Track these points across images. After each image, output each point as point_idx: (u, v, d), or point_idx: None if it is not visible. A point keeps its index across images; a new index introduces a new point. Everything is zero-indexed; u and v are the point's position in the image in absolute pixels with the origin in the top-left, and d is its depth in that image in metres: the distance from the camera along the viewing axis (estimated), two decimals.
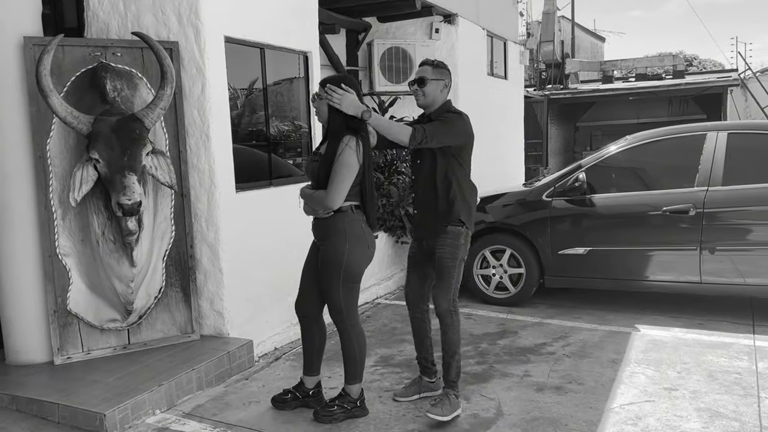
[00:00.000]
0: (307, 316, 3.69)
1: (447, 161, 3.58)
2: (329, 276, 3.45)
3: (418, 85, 3.62)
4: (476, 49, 9.01)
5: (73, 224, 4.13)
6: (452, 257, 3.59)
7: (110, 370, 4.02)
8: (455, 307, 3.63)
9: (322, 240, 3.50)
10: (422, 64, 3.73)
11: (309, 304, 3.67)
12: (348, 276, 3.44)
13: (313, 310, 3.68)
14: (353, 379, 3.60)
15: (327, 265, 3.45)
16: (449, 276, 3.59)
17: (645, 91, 17.54)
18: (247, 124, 5.00)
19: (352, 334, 3.52)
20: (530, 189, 5.99)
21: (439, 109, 3.64)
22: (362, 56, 8.10)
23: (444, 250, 3.60)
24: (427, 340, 3.91)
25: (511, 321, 5.42)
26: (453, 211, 3.60)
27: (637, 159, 5.74)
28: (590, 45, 26.73)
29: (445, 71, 3.69)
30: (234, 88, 4.76)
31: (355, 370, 3.58)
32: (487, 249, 5.95)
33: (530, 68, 19.82)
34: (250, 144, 4.93)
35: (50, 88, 3.58)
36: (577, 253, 5.58)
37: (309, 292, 3.65)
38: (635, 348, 4.69)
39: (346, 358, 3.57)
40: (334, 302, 3.47)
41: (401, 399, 3.89)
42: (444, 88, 3.65)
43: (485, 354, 4.62)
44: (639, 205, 5.47)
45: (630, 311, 5.62)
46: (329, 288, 3.47)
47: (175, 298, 4.47)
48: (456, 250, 3.60)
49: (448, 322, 3.62)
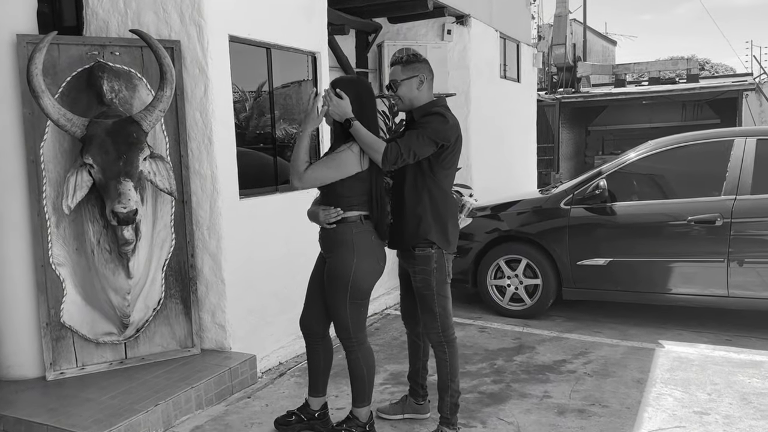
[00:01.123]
0: (312, 333, 3.46)
1: (418, 169, 3.18)
2: (335, 291, 3.21)
3: (392, 90, 3.29)
4: (489, 51, 8.77)
5: (68, 232, 3.91)
6: (426, 286, 3.24)
7: (105, 387, 3.79)
8: (448, 338, 3.30)
9: (329, 252, 3.26)
10: (392, 63, 3.33)
11: (314, 320, 3.43)
12: (355, 292, 3.20)
13: (318, 327, 3.43)
14: (361, 402, 3.36)
15: (333, 280, 3.21)
16: (430, 306, 3.27)
17: (658, 95, 17.25)
18: (253, 127, 4.78)
19: (360, 353, 3.27)
20: (547, 196, 5.73)
21: (420, 109, 3.25)
22: (372, 58, 7.87)
23: (416, 279, 3.27)
24: (418, 362, 3.62)
25: (528, 335, 5.17)
26: (420, 229, 3.19)
27: (660, 166, 5.48)
28: (602, 48, 26.43)
29: (419, 65, 3.25)
30: (239, 90, 4.54)
31: (363, 391, 3.34)
32: (502, 258, 5.70)
33: (542, 71, 19.57)
34: (255, 147, 4.70)
35: (42, 89, 3.36)
36: (597, 263, 5.32)
37: (315, 307, 3.41)
38: (660, 366, 4.43)
39: (353, 380, 3.32)
40: (341, 319, 3.23)
41: (384, 416, 3.66)
42: (420, 84, 3.22)
43: (501, 372, 4.36)
44: (662, 215, 5.21)
45: (652, 325, 5.36)
46: (335, 304, 3.23)
47: (174, 311, 4.24)
48: (428, 278, 3.23)
49: (441, 356, 3.32)
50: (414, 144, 3.07)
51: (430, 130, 3.10)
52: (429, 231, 3.20)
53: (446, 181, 3.25)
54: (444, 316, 3.26)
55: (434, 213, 3.20)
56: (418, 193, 3.20)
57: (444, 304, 3.26)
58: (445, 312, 3.27)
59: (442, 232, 3.22)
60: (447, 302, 3.27)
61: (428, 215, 3.19)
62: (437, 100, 3.30)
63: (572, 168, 18.73)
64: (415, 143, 3.08)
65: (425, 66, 3.29)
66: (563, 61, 19.05)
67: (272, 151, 4.82)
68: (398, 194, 3.29)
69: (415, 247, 3.23)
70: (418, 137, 3.09)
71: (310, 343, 3.47)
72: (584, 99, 18.04)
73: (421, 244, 3.22)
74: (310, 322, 3.44)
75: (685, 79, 19.07)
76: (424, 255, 3.22)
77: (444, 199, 3.23)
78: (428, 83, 3.29)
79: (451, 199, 3.29)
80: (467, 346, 4.86)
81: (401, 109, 3.36)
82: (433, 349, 3.36)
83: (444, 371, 3.33)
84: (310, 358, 3.51)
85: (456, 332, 3.39)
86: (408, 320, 3.58)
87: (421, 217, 3.20)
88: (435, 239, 3.20)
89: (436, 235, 3.20)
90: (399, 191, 3.28)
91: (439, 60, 7.65)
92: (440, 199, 3.21)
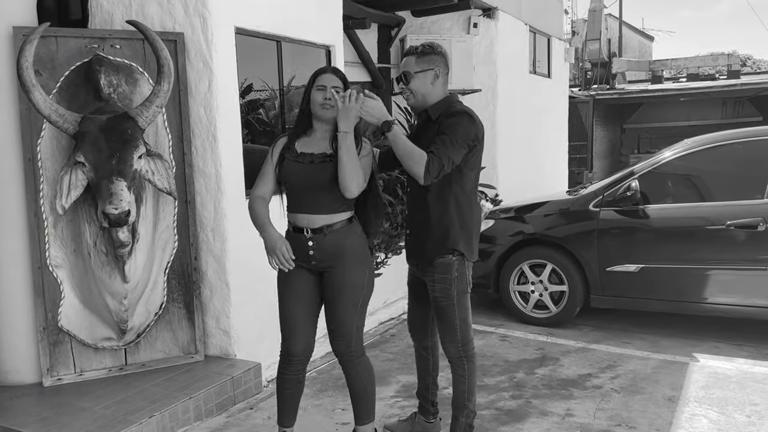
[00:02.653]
0: (303, 361, 3.03)
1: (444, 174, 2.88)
2: (348, 303, 2.89)
3: (403, 83, 3.00)
4: (517, 46, 8.45)
5: (65, 233, 3.75)
6: (446, 296, 2.98)
7: (101, 395, 3.63)
8: (468, 353, 3.04)
9: (334, 260, 2.89)
10: (405, 54, 3.03)
11: (306, 349, 3.01)
12: (367, 298, 2.97)
13: (308, 353, 3.04)
14: (365, 419, 3.09)
15: (347, 289, 2.88)
16: (449, 318, 3.01)
17: (697, 92, 16.62)
18: (262, 123, 4.58)
19: (360, 368, 2.98)
20: (575, 198, 5.42)
21: (437, 106, 2.95)
22: (395, 53, 7.62)
23: (435, 288, 3.01)
24: (428, 377, 3.34)
25: (552, 345, 4.87)
26: (448, 239, 2.94)
27: (697, 166, 5.12)
28: (638, 44, 25.71)
29: (435, 57, 2.95)
30: (246, 85, 4.34)
31: (367, 408, 3.08)
32: (526, 263, 5.41)
33: (575, 67, 19.07)
34: (262, 143, 4.50)
35: (32, 83, 3.20)
36: (628, 270, 4.99)
37: (307, 329, 3.00)
38: (694, 383, 4.10)
39: (355, 397, 3.04)
40: (347, 332, 2.92)
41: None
42: (435, 78, 2.95)
43: (521, 386, 4.08)
44: (699, 218, 4.86)
45: (686, 337, 5.01)
46: (345, 317, 2.90)
47: (177, 315, 4.07)
48: (448, 287, 2.97)
49: (459, 372, 3.07)
50: (452, 152, 2.78)
51: (461, 132, 2.82)
52: (457, 242, 2.95)
53: (471, 184, 2.99)
54: (464, 328, 3.02)
55: (461, 221, 2.96)
56: (445, 200, 2.93)
57: (464, 315, 3.01)
58: (466, 324, 3.02)
59: (467, 242, 2.99)
60: (467, 313, 3.03)
61: (455, 225, 2.94)
62: (451, 96, 3.02)
63: (606, 167, 18.21)
64: (452, 150, 2.78)
65: (441, 59, 3.00)
66: (598, 57, 18.50)
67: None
68: (420, 203, 3.01)
69: (437, 256, 2.98)
70: (453, 143, 2.79)
71: (294, 377, 3.05)
72: (619, 96, 17.49)
73: (446, 252, 2.97)
74: (302, 351, 3.01)
75: (726, 75, 18.38)
76: (444, 263, 2.97)
77: (469, 205, 2.99)
78: (443, 78, 3.01)
79: (476, 203, 3.04)
80: (487, 357, 4.59)
81: (412, 105, 3.07)
82: (451, 364, 3.10)
83: (461, 389, 3.08)
84: (295, 390, 3.09)
85: (476, 340, 3.17)
86: (415, 332, 3.33)
87: (448, 227, 2.94)
88: (462, 249, 2.97)
89: (464, 245, 2.97)
90: (421, 199, 2.99)
91: (464, 54, 7.38)
92: (466, 205, 2.97)
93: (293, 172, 2.80)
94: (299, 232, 2.85)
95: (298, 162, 2.81)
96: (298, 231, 2.86)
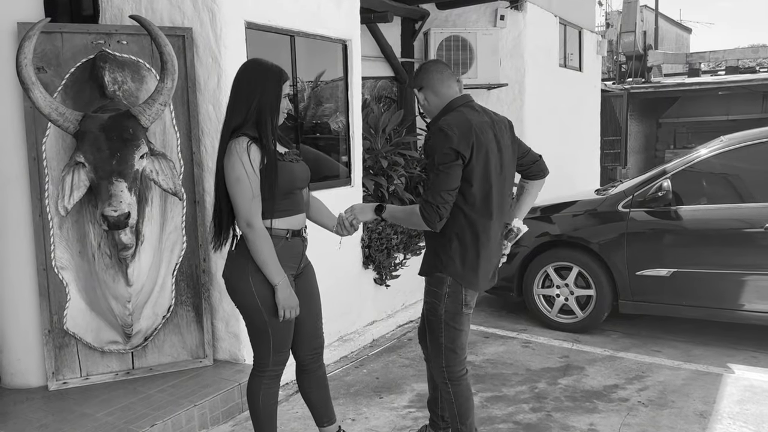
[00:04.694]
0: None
1: None
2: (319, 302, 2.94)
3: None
4: (547, 38, 8.16)
5: (71, 234, 3.66)
6: (432, 311, 2.76)
7: (106, 400, 3.54)
8: (453, 377, 2.80)
9: (305, 261, 2.83)
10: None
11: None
12: None
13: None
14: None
15: (317, 289, 2.92)
16: (435, 336, 2.79)
17: (736, 85, 16.03)
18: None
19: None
20: (603, 197, 5.17)
21: (436, 118, 2.77)
22: (418, 47, 7.41)
23: (425, 299, 2.81)
24: (437, 389, 3.12)
25: (577, 353, 4.64)
26: (439, 259, 2.71)
27: (735, 164, 4.82)
28: (675, 36, 25.00)
29: (414, 80, 2.82)
30: (301, 80, 4.24)
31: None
32: (551, 265, 5.18)
33: (609, 60, 18.59)
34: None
35: (32, 81, 3.10)
36: (659, 274, 4.73)
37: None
38: (728, 396, 3.85)
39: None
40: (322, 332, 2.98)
41: None
42: (425, 101, 2.79)
43: (542, 397, 3.88)
44: (736, 220, 4.57)
45: (721, 345, 4.74)
46: (320, 315, 2.94)
47: (186, 318, 3.96)
48: (437, 303, 2.74)
49: (446, 396, 2.86)
50: (438, 184, 2.58)
51: (438, 157, 2.59)
52: (447, 265, 2.69)
53: (476, 200, 2.64)
54: (451, 350, 2.77)
55: (460, 243, 2.67)
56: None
57: (453, 336, 2.76)
58: (454, 346, 2.77)
59: (464, 266, 2.68)
60: (458, 336, 2.76)
61: (451, 244, 2.66)
62: (448, 105, 2.75)
63: (641, 162, 17.72)
64: (439, 183, 2.58)
65: (418, 77, 2.81)
66: (632, 50, 18.00)
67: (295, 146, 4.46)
68: None
69: (433, 271, 2.77)
70: (436, 174, 2.60)
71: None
72: (655, 89, 16.97)
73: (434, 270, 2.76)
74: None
75: (767, 68, 17.70)
76: (437, 276, 2.74)
77: (472, 225, 2.66)
78: (429, 91, 2.77)
79: (484, 224, 2.68)
80: (507, 364, 4.38)
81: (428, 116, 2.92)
82: (439, 386, 2.91)
83: (451, 412, 2.88)
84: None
85: (497, 346, 2.94)
86: (423, 341, 3.15)
87: (443, 245, 2.69)
88: (451, 274, 2.69)
89: (456, 271, 2.68)
90: None
91: (490, 48, 7.15)
92: (468, 225, 2.66)
93: (295, 171, 2.64)
94: (297, 235, 2.69)
95: (291, 162, 2.65)
96: (296, 234, 2.68)
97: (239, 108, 2.49)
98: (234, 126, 2.50)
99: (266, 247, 2.49)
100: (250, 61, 2.65)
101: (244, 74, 2.54)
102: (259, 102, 2.49)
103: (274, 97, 2.51)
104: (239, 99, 2.50)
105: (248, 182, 2.45)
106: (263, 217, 2.52)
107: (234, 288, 2.62)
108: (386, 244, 5.11)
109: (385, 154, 5.76)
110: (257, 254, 2.49)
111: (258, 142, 2.48)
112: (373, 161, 5.68)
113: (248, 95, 2.48)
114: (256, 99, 2.48)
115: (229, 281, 2.65)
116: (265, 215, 2.52)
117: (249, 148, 2.46)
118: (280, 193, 2.55)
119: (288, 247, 2.62)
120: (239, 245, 2.60)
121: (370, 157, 5.68)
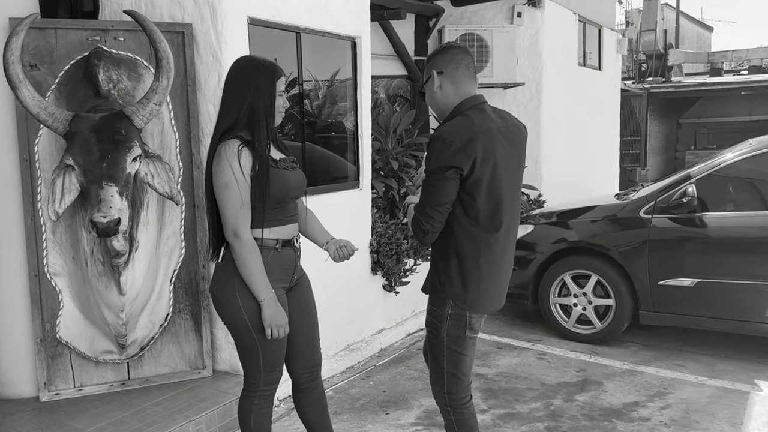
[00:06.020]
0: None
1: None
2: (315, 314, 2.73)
3: (424, 98, 2.59)
4: (565, 36, 7.92)
5: (64, 239, 3.51)
6: (434, 332, 2.53)
7: (97, 414, 3.38)
8: (454, 404, 2.56)
9: (300, 272, 2.63)
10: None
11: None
12: None
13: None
14: None
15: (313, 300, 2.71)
16: (436, 359, 2.56)
17: (760, 85, 15.62)
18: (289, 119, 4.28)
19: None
20: (624, 203, 4.93)
21: (447, 119, 2.47)
22: (432, 45, 7.20)
23: (427, 320, 2.58)
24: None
25: (595, 366, 4.42)
26: (438, 279, 2.47)
27: (764, 170, 4.57)
28: (696, 35, 24.53)
29: (433, 59, 2.47)
30: (313, 78, 4.07)
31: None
32: (568, 273, 4.95)
33: (629, 59, 18.23)
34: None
35: (20, 79, 2.94)
36: (683, 284, 4.49)
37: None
38: (756, 416, 3.61)
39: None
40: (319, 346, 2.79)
41: None
42: (438, 88, 2.44)
43: (558, 415, 3.66)
44: (764, 228, 4.33)
45: (747, 360, 4.49)
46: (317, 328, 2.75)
47: (184, 327, 3.79)
48: (438, 324, 2.49)
49: (447, 423, 2.63)
50: (427, 199, 2.36)
51: (431, 168, 2.34)
52: (446, 285, 2.44)
53: (482, 214, 2.37)
54: (453, 375, 2.53)
55: (459, 262, 2.40)
56: (447, 228, 2.41)
57: (456, 361, 2.51)
58: (456, 371, 2.52)
59: (468, 288, 2.42)
60: (462, 360, 2.51)
61: (450, 264, 2.42)
62: (461, 104, 2.43)
63: (661, 163, 17.37)
64: (426, 198, 2.36)
65: (441, 56, 2.46)
66: (653, 49, 17.61)
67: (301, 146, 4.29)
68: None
69: (434, 292, 2.53)
70: (425, 189, 2.38)
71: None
72: (675, 89, 16.60)
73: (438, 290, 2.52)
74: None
75: None
76: (440, 298, 2.49)
77: (475, 242, 2.39)
78: (448, 77, 2.43)
79: (489, 240, 2.40)
80: (521, 378, 4.17)
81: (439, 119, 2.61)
82: (440, 410, 2.70)
83: None
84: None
85: (510, 358, 2.72)
86: (426, 356, 2.95)
87: (443, 263, 2.44)
88: (450, 295, 2.44)
89: (456, 293, 2.43)
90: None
91: (506, 46, 6.92)
92: (469, 242, 2.39)
93: (289, 179, 2.44)
94: (288, 245, 2.49)
95: (285, 169, 2.45)
96: (287, 244, 2.48)
97: (230, 108, 2.31)
98: (224, 128, 2.32)
99: (253, 259, 2.30)
100: (242, 57, 2.46)
101: (234, 72, 2.36)
102: (251, 102, 2.30)
103: (268, 96, 2.32)
104: (230, 99, 2.32)
105: (237, 189, 2.26)
106: (252, 226, 2.33)
107: (220, 303, 2.44)
108: (396, 249, 4.91)
109: (396, 155, 5.57)
110: (243, 266, 2.31)
111: (250, 145, 2.29)
112: (383, 163, 5.49)
113: (239, 94, 2.29)
114: (248, 99, 2.29)
115: (215, 296, 2.46)
116: (254, 224, 2.33)
117: (240, 152, 2.26)
118: (271, 202, 2.35)
119: (278, 258, 2.43)
120: (226, 257, 2.41)
121: (381, 158, 5.49)
